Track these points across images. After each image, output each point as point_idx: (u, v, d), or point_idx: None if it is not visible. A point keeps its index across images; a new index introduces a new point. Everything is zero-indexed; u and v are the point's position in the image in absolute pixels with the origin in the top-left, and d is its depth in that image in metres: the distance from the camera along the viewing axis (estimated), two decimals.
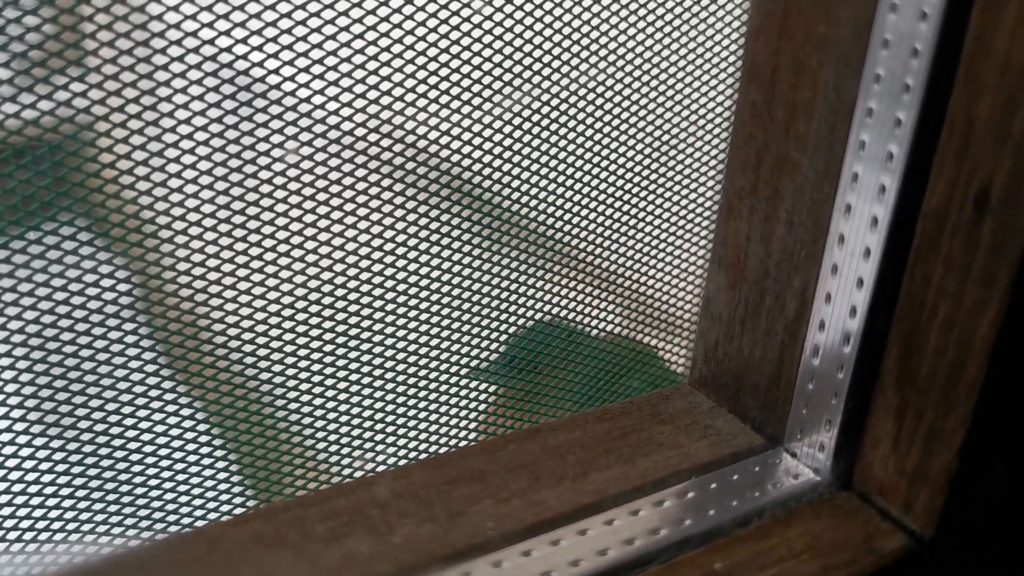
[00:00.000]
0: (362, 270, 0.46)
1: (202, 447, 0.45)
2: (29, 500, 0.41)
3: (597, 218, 0.55)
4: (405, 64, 0.44)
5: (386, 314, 0.48)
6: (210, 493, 0.46)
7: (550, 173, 0.52)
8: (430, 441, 0.53)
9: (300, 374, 0.47)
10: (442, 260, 0.49)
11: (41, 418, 0.40)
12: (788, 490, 0.36)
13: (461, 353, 0.52)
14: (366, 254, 0.46)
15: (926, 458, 0.33)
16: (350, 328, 0.47)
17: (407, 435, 0.52)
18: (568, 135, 0.51)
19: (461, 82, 0.46)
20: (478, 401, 0.55)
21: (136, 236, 0.41)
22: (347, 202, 0.44)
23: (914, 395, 0.33)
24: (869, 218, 0.33)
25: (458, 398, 0.53)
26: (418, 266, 0.48)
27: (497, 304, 0.52)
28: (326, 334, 0.47)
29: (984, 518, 0.36)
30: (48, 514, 0.42)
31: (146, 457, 0.44)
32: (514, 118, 0.49)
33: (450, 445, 0.54)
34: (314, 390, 0.48)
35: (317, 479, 0.50)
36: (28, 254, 0.37)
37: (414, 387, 0.51)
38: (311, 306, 0.46)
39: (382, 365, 0.49)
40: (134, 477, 0.44)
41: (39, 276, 0.38)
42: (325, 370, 0.47)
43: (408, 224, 0.47)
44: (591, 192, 0.54)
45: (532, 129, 0.50)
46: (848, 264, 0.34)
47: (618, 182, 0.55)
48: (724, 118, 0.58)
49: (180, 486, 0.45)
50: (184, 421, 0.44)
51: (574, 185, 0.53)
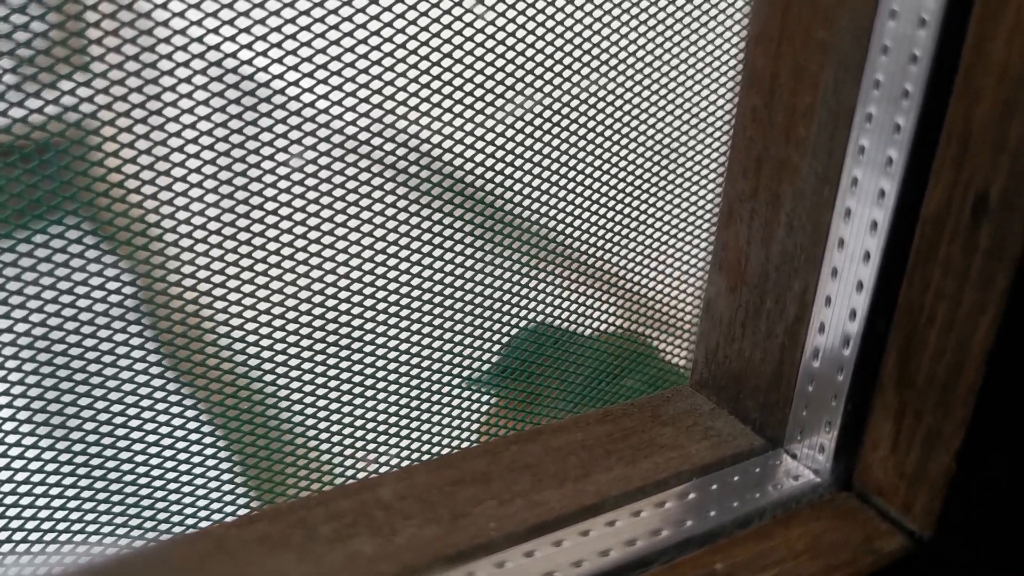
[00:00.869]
0: (366, 272, 0.47)
1: (206, 448, 0.46)
2: (35, 501, 0.42)
3: (600, 221, 0.56)
4: (408, 69, 0.44)
5: (389, 316, 0.49)
6: (214, 494, 0.47)
7: (554, 177, 0.52)
8: (432, 443, 0.53)
9: (303, 375, 0.47)
10: (446, 263, 0.50)
11: (47, 420, 0.41)
12: (788, 491, 0.36)
13: (464, 355, 0.53)
14: (370, 256, 0.46)
15: (925, 459, 0.34)
16: (353, 330, 0.48)
17: (410, 436, 0.52)
18: (571, 140, 0.52)
19: (463, 87, 0.46)
20: (480, 403, 0.55)
21: (140, 239, 0.41)
22: (351, 205, 0.45)
23: (913, 397, 0.34)
24: (869, 222, 0.33)
25: (461, 399, 0.54)
26: (421, 268, 0.49)
27: (500, 307, 0.53)
28: (329, 336, 0.47)
29: (982, 519, 0.37)
30: (54, 515, 0.42)
31: (151, 458, 0.44)
32: (516, 122, 0.49)
33: (452, 447, 0.54)
34: (317, 391, 0.48)
35: (320, 480, 0.50)
36: (34, 257, 0.37)
37: (417, 388, 0.51)
38: (315, 308, 0.46)
39: (385, 367, 0.50)
40: (139, 479, 0.44)
41: (45, 279, 0.38)
42: (328, 372, 0.48)
43: (411, 228, 0.48)
44: (594, 196, 0.54)
45: (535, 134, 0.50)
46: (848, 267, 0.34)
47: (620, 186, 0.55)
48: (725, 122, 0.58)
49: (185, 487, 0.46)
50: (189, 423, 0.45)
51: (577, 189, 0.53)
